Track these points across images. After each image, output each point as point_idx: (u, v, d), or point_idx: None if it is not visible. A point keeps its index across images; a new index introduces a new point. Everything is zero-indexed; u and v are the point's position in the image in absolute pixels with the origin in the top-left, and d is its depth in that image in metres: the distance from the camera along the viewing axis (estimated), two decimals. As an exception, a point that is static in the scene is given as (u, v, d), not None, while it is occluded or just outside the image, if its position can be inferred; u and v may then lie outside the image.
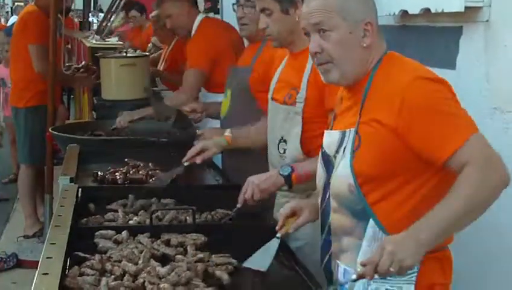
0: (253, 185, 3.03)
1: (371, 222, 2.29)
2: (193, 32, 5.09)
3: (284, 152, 3.16)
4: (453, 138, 2.19)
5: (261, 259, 2.60)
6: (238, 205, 3.04)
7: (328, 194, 2.45)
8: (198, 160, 3.49)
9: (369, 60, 2.37)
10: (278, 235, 2.68)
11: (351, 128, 2.35)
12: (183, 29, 5.17)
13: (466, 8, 3.03)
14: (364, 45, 2.34)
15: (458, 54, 3.23)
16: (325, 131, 2.53)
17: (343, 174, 2.35)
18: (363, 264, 2.14)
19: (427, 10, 3.28)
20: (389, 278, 2.23)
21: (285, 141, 3.18)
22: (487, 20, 3.02)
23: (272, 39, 3.30)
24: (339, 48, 2.34)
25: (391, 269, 2.09)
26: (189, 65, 5.06)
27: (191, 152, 3.51)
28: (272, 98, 3.32)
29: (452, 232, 2.26)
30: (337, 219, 2.43)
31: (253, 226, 3.00)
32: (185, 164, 3.49)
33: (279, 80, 3.32)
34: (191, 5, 5.16)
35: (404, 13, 3.55)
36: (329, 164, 2.45)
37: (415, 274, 2.25)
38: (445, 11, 3.14)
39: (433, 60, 3.39)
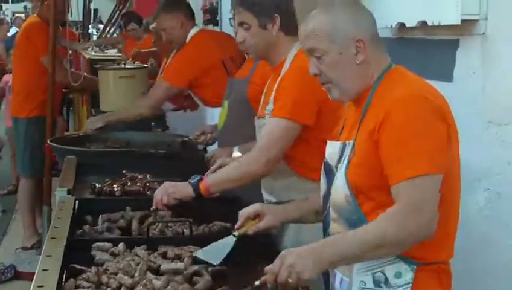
0: (163, 189, 3.11)
1: None
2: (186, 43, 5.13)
3: None
4: (407, 166, 2.18)
5: (215, 253, 2.62)
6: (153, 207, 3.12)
7: (328, 204, 2.47)
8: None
9: (369, 74, 2.38)
10: (235, 233, 2.68)
11: (350, 141, 2.37)
12: (178, 42, 5.19)
13: (462, 20, 3.04)
14: (358, 61, 2.35)
15: (455, 67, 3.24)
16: (328, 141, 2.54)
17: (340, 185, 2.36)
18: (265, 272, 2.23)
19: (424, 23, 3.29)
20: (384, 288, 2.29)
21: None
22: (483, 33, 3.03)
23: (250, 52, 3.35)
24: (332, 69, 2.37)
25: (289, 280, 2.18)
26: (164, 77, 5.16)
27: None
28: (258, 114, 3.39)
29: (358, 260, 2.29)
30: (335, 228, 2.44)
31: (249, 238, 2.98)
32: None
33: (264, 96, 3.37)
34: (186, 18, 5.14)
35: (401, 26, 3.56)
36: (330, 174, 2.46)
37: (410, 285, 2.28)
38: (441, 23, 3.15)
39: (429, 73, 3.40)
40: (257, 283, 2.27)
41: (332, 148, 2.48)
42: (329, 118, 2.95)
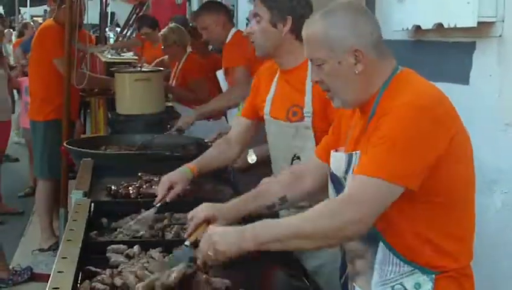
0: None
1: (381, 245, 2.28)
2: (228, 40, 5.23)
3: None
4: (367, 166, 2.17)
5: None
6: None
7: None
8: (168, 199, 3.28)
9: (371, 82, 2.31)
10: (187, 243, 2.57)
11: (357, 151, 2.32)
12: (217, 40, 5.34)
13: (479, 23, 3.03)
14: (357, 71, 2.28)
15: (471, 69, 3.22)
16: (332, 152, 2.49)
17: None
18: None
19: (440, 25, 3.27)
20: None
21: (298, 158, 3.18)
22: (500, 35, 3.02)
23: (255, 47, 3.32)
24: (331, 79, 2.33)
25: (209, 253, 2.24)
26: (234, 64, 5.13)
27: (160, 192, 3.29)
28: (271, 116, 3.33)
29: (283, 246, 2.24)
30: (349, 243, 2.42)
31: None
32: (157, 205, 3.25)
33: (276, 98, 3.32)
34: (226, 18, 5.32)
35: (417, 28, 3.55)
36: (339, 185, 2.42)
37: None
38: (458, 26, 3.14)
39: (446, 75, 3.39)
40: (187, 243, 2.45)
41: (336, 159, 2.43)
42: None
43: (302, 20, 3.14)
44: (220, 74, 5.54)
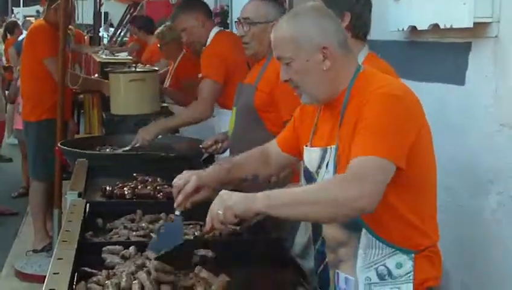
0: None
1: (364, 231, 2.40)
2: (208, 43, 5.01)
3: None
4: (362, 149, 2.25)
5: (170, 238, 2.59)
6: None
7: None
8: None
9: (339, 79, 2.43)
10: (177, 212, 2.67)
11: (332, 145, 2.42)
12: (198, 42, 5.10)
13: (475, 23, 3.03)
14: (325, 68, 2.40)
15: (467, 70, 3.23)
16: (304, 147, 2.59)
17: None
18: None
19: (436, 26, 3.28)
20: (389, 280, 2.40)
21: None
22: (496, 36, 3.02)
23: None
24: (300, 76, 2.44)
25: (219, 211, 2.29)
26: (203, 75, 4.90)
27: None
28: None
29: (295, 212, 2.28)
30: (330, 233, 2.52)
31: (260, 241, 2.98)
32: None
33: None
34: (205, 18, 5.09)
35: (413, 29, 3.55)
36: (311, 180, 2.52)
37: (412, 273, 2.40)
38: (454, 26, 3.14)
39: (442, 76, 3.40)
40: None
41: (310, 155, 2.54)
42: None
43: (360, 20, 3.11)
44: None
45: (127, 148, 4.84)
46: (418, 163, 2.34)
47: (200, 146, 4.44)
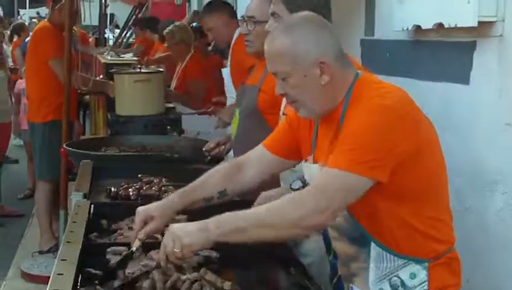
0: (265, 199, 2.94)
1: (373, 244, 2.35)
2: (232, 42, 5.06)
3: None
4: (334, 159, 2.21)
5: None
6: None
7: None
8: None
9: (336, 92, 2.36)
10: (133, 249, 2.59)
11: None
12: (223, 41, 5.26)
13: (479, 22, 3.02)
14: (323, 82, 2.32)
15: (472, 69, 3.21)
16: (303, 163, 2.53)
17: None
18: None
19: (440, 25, 3.26)
20: None
21: None
22: (501, 35, 3.01)
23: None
24: (297, 91, 2.35)
25: (175, 249, 2.24)
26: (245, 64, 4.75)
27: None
28: (284, 114, 3.21)
29: (246, 236, 2.25)
30: (340, 247, 2.49)
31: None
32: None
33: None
34: (229, 17, 5.22)
35: (417, 28, 3.54)
36: None
37: (426, 283, 2.34)
38: (458, 25, 3.13)
39: (446, 75, 3.39)
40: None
41: (310, 170, 2.47)
42: None
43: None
44: (225, 72, 5.43)
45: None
46: (418, 170, 2.28)
47: (203, 149, 4.42)
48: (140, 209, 2.67)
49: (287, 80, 2.34)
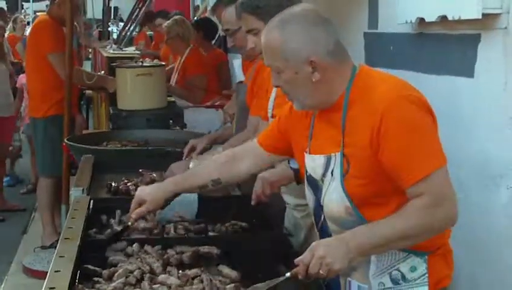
0: (262, 180, 2.99)
1: None
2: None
3: None
4: (419, 167, 2.23)
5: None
6: (253, 203, 3.00)
7: (322, 216, 2.48)
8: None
9: (331, 87, 2.36)
10: (129, 223, 2.78)
11: (337, 153, 2.35)
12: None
13: (484, 15, 2.98)
14: (314, 80, 2.32)
15: (476, 62, 3.18)
16: (305, 154, 2.51)
17: (337, 198, 2.36)
18: (296, 264, 2.25)
19: (444, 18, 3.23)
20: (403, 284, 2.36)
21: None
22: (505, 27, 2.97)
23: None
24: (290, 86, 2.38)
25: (321, 272, 2.21)
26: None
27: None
28: (273, 116, 3.24)
29: (383, 250, 2.33)
30: None
31: (263, 237, 2.94)
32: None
33: (278, 96, 3.19)
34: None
35: (421, 21, 3.51)
36: (316, 188, 2.47)
37: (426, 275, 2.36)
38: (462, 18, 3.09)
39: (450, 68, 3.36)
40: (288, 274, 2.28)
41: (313, 162, 2.46)
42: None
43: None
44: (236, 62, 5.32)
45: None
46: None
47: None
48: (138, 191, 2.86)
49: (280, 74, 2.36)
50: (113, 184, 3.64)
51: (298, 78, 2.33)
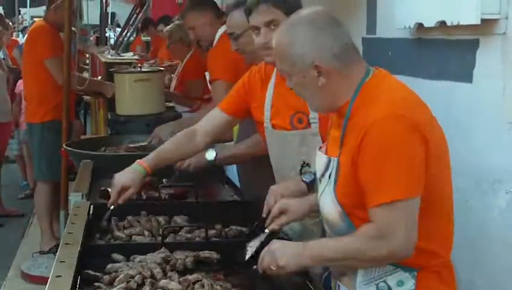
0: (275, 193, 2.92)
1: None
2: (214, 43, 4.90)
3: None
4: (383, 191, 2.21)
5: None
6: (263, 215, 2.92)
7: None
8: (121, 201, 3.18)
9: (338, 92, 2.35)
10: (266, 230, 2.75)
11: (334, 157, 2.37)
12: (206, 40, 5.03)
13: (482, 20, 2.98)
14: (320, 84, 2.32)
15: (474, 67, 3.18)
16: (317, 150, 2.55)
17: (330, 202, 2.38)
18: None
19: (443, 23, 3.23)
20: None
21: (308, 165, 3.11)
22: (504, 33, 2.97)
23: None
24: (300, 89, 2.41)
25: (272, 267, 2.37)
26: (212, 78, 4.76)
27: (112, 196, 3.19)
28: (273, 126, 3.25)
29: (336, 264, 2.45)
30: None
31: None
32: (111, 207, 3.18)
33: (274, 105, 3.24)
34: (214, 16, 5.01)
35: (420, 26, 3.51)
36: (317, 184, 2.53)
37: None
38: (461, 23, 3.10)
39: (449, 74, 3.36)
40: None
41: (319, 159, 2.49)
42: None
43: None
44: None
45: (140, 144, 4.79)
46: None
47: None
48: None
49: (291, 77, 2.39)
50: (109, 190, 3.61)
51: (306, 82, 2.34)
